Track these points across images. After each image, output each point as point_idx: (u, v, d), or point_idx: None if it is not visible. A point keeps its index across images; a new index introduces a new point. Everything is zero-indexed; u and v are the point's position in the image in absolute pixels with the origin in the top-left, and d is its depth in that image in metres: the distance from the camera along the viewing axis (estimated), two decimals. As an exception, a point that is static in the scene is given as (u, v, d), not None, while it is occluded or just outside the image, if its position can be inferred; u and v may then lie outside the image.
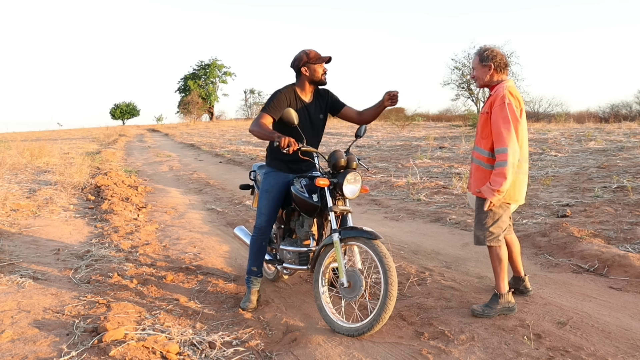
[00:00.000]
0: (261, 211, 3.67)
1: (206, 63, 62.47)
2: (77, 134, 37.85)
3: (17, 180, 9.27)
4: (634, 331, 2.97)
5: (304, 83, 3.54)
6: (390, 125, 25.39)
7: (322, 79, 3.53)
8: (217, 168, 13.40)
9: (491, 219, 3.28)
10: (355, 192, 3.31)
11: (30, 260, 4.55)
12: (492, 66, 3.28)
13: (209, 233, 6.03)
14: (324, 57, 3.49)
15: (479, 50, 3.35)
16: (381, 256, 2.98)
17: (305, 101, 3.58)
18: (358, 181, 3.30)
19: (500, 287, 3.30)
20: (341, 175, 3.26)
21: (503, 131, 3.09)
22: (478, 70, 3.34)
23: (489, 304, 3.29)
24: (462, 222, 5.90)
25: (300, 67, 3.49)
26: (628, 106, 30.63)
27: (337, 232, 3.17)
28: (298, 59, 3.50)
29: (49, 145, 16.52)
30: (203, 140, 23.94)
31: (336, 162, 3.32)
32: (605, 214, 5.54)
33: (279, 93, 3.50)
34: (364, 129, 3.67)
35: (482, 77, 3.32)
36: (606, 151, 10.71)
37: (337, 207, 3.26)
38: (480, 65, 3.31)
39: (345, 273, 3.12)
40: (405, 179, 8.89)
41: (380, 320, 2.95)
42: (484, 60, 3.29)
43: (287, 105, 3.48)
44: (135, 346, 2.86)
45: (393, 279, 2.93)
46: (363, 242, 3.10)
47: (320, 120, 3.67)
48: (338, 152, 3.35)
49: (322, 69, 3.51)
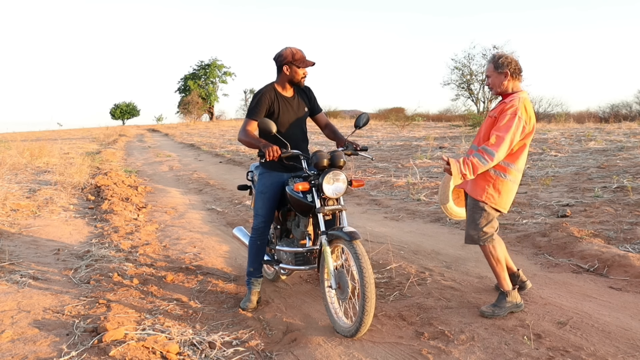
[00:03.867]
0: (258, 212, 3.67)
1: (206, 63, 62.40)
2: (77, 134, 37.84)
3: (17, 180, 9.27)
4: (634, 331, 2.97)
5: (284, 81, 3.55)
6: (390, 125, 25.38)
7: (300, 82, 3.54)
8: (217, 168, 13.40)
9: (485, 219, 3.30)
10: (339, 191, 3.25)
11: (30, 260, 4.55)
12: (508, 73, 3.27)
13: (209, 233, 6.03)
14: (308, 61, 3.48)
15: (494, 58, 3.32)
16: (357, 256, 2.94)
17: (287, 97, 3.58)
18: (339, 180, 3.24)
19: (504, 285, 3.31)
20: (321, 176, 3.23)
21: (501, 138, 3.10)
22: (494, 78, 3.31)
23: (497, 303, 3.30)
24: (462, 223, 5.89)
25: (283, 65, 3.48)
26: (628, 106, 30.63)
27: (324, 234, 3.18)
28: (283, 56, 3.47)
29: (49, 145, 16.51)
30: (203, 140, 23.93)
31: (318, 162, 3.27)
32: (605, 214, 5.54)
33: (259, 94, 3.51)
34: (364, 118, 3.61)
35: (498, 84, 3.30)
36: (606, 151, 10.70)
37: (323, 209, 3.24)
38: (496, 73, 3.29)
39: (333, 275, 3.11)
40: (405, 179, 8.89)
41: (363, 323, 2.93)
42: (500, 68, 3.26)
43: (270, 104, 3.48)
44: (135, 346, 2.86)
45: (367, 280, 2.88)
46: (342, 243, 3.08)
47: (305, 113, 3.67)
48: (320, 152, 3.31)
49: (303, 72, 3.50)
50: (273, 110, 3.50)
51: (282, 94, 3.56)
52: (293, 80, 3.52)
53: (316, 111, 3.75)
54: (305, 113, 3.67)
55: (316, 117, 3.78)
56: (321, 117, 3.79)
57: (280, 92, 3.56)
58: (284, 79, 3.53)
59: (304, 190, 3.32)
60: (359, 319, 2.93)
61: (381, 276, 4.15)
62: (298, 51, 3.47)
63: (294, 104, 3.60)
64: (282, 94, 3.56)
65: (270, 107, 3.49)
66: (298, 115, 3.61)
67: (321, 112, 3.79)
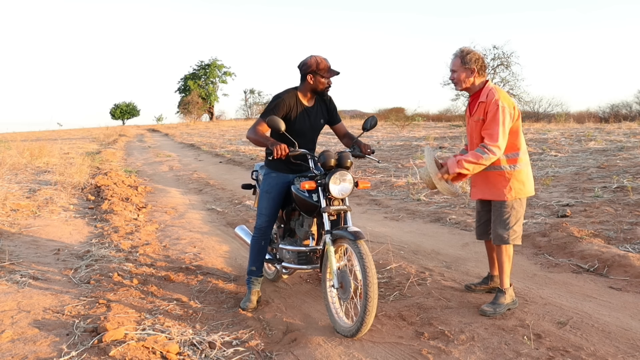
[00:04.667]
0: (262, 212, 3.67)
1: (206, 63, 62.40)
2: (77, 134, 37.84)
3: (17, 180, 9.27)
4: (634, 331, 2.97)
5: (306, 89, 3.53)
6: (390, 125, 25.38)
7: (324, 91, 3.53)
8: (217, 168, 13.40)
9: (514, 218, 3.32)
10: (345, 192, 3.26)
11: (30, 260, 4.55)
12: (475, 69, 3.29)
13: (209, 233, 6.03)
14: (333, 70, 3.47)
15: (460, 53, 3.32)
16: (361, 256, 2.94)
17: (307, 106, 3.57)
18: (346, 180, 3.25)
19: (505, 282, 3.34)
20: (328, 176, 3.24)
21: (497, 132, 3.16)
22: (460, 72, 3.32)
23: (496, 301, 3.31)
24: (462, 222, 5.90)
25: (307, 74, 3.46)
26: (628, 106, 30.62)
27: (329, 234, 3.18)
28: (307, 64, 3.45)
29: (49, 145, 16.51)
30: (203, 140, 23.93)
31: (325, 162, 3.28)
32: (605, 214, 5.54)
33: (278, 99, 3.49)
34: (370, 122, 3.61)
35: (464, 79, 3.33)
36: (606, 151, 10.70)
37: (328, 208, 3.24)
38: (463, 68, 3.30)
39: (335, 274, 3.11)
40: (405, 179, 8.89)
41: (364, 323, 2.93)
42: (467, 63, 3.28)
43: (287, 110, 3.47)
44: (135, 346, 2.86)
45: (371, 280, 2.89)
46: (347, 242, 3.09)
47: (320, 125, 3.68)
48: (327, 152, 3.32)
49: (327, 82, 3.49)
50: (290, 116, 3.48)
51: (303, 102, 3.54)
52: (316, 90, 3.51)
53: (335, 121, 3.76)
54: (320, 124, 3.67)
55: (335, 127, 3.78)
56: (340, 127, 3.79)
57: (302, 99, 3.54)
58: (307, 87, 3.52)
59: (309, 190, 3.33)
60: (361, 319, 2.93)
61: (381, 276, 4.15)
62: (323, 60, 3.45)
63: (312, 114, 3.59)
64: (303, 102, 3.54)
65: (288, 112, 3.47)
66: (313, 125, 3.61)
67: (341, 122, 3.79)
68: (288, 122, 3.47)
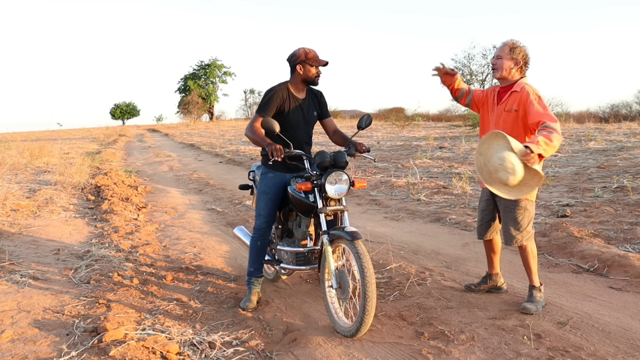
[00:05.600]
0: (260, 212, 3.67)
1: (206, 63, 62.42)
2: (77, 134, 37.85)
3: (17, 180, 9.27)
4: (634, 331, 2.97)
5: (297, 81, 3.55)
6: (390, 125, 25.39)
7: (314, 80, 3.54)
8: (217, 168, 13.40)
9: (527, 219, 3.33)
10: (341, 192, 3.26)
11: (30, 260, 4.55)
12: (520, 62, 3.30)
13: (209, 233, 6.03)
14: (321, 60, 3.50)
15: (511, 42, 3.33)
16: (359, 256, 2.94)
17: (299, 98, 3.58)
18: (342, 180, 3.25)
19: (535, 280, 3.38)
20: (324, 176, 3.23)
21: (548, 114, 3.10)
22: (505, 60, 3.31)
23: (533, 299, 3.34)
24: (462, 222, 5.90)
25: (296, 65, 3.49)
26: (628, 106, 30.60)
27: (326, 234, 3.18)
28: (296, 55, 3.49)
29: (49, 145, 16.50)
30: (203, 140, 23.94)
31: (321, 162, 3.28)
32: (605, 214, 5.54)
33: (271, 92, 3.51)
34: (365, 120, 3.59)
35: (507, 68, 3.31)
36: (606, 151, 10.70)
37: (325, 209, 3.24)
38: (510, 56, 3.30)
39: (334, 274, 3.11)
40: (405, 179, 8.89)
41: (363, 323, 2.93)
42: (515, 54, 3.29)
43: (281, 102, 3.49)
44: (135, 346, 2.86)
45: (369, 280, 2.89)
46: (344, 243, 3.08)
47: (314, 117, 3.68)
48: (323, 153, 3.32)
49: (316, 71, 3.51)
50: (283, 109, 3.50)
51: (295, 94, 3.56)
52: (307, 79, 3.52)
53: (324, 116, 3.74)
54: (314, 117, 3.68)
55: (324, 122, 3.77)
56: (329, 122, 3.77)
57: (293, 92, 3.56)
58: (298, 78, 3.53)
59: (306, 190, 3.32)
60: (360, 319, 2.93)
61: (381, 276, 4.15)
62: (311, 50, 3.49)
63: (305, 106, 3.60)
64: (295, 95, 3.56)
65: (281, 105, 3.49)
66: (307, 117, 3.61)
67: (330, 118, 3.78)
68: (282, 115, 3.49)
